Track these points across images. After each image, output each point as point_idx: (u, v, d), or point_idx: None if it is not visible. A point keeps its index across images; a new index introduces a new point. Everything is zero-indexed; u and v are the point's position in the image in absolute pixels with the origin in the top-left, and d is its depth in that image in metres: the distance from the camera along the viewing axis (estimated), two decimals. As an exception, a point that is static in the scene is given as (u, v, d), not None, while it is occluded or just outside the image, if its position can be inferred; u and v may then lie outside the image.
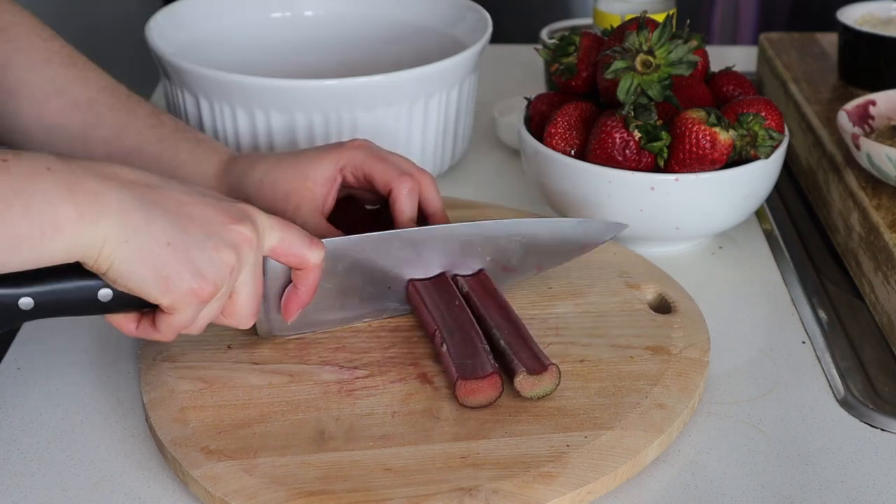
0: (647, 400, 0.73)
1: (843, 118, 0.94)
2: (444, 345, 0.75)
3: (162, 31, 1.04)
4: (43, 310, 0.65)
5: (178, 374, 0.75)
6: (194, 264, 0.65)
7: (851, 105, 0.97)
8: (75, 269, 0.64)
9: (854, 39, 1.10)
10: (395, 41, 1.15)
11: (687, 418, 0.74)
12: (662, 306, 0.84)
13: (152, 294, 0.65)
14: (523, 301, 0.84)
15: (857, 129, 0.94)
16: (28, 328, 0.85)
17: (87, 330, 0.85)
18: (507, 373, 0.74)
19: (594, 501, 0.68)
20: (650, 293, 0.86)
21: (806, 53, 1.19)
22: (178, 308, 0.66)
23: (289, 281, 0.74)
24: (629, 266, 0.89)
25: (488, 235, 0.81)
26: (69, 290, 0.65)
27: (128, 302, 0.66)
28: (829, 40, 1.21)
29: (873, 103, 0.98)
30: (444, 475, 0.67)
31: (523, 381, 0.73)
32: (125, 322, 0.70)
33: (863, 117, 0.97)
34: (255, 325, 0.77)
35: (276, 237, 0.71)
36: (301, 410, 0.73)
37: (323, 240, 0.74)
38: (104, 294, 0.66)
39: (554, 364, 0.74)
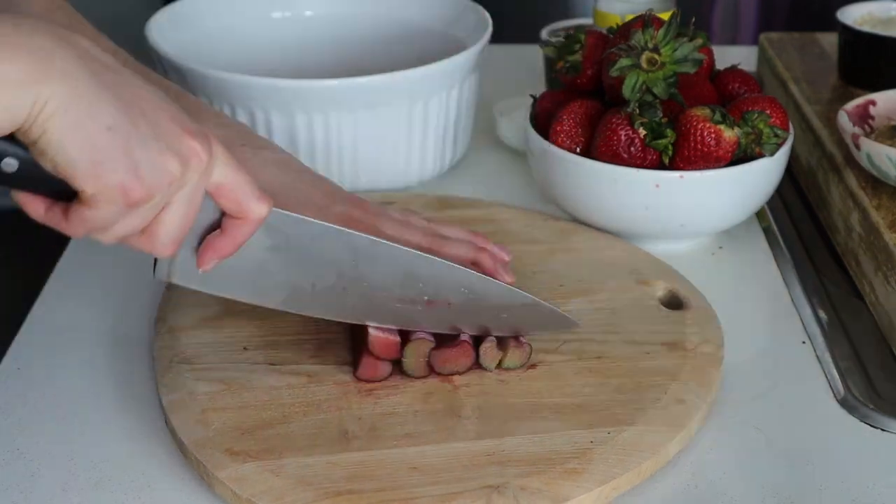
0: (666, 395, 0.74)
1: (843, 118, 0.94)
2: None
3: (162, 31, 1.04)
4: None
5: (196, 375, 0.75)
6: (132, 159, 0.58)
7: (851, 105, 0.97)
8: None
9: (854, 39, 1.10)
10: (395, 41, 1.15)
11: (706, 413, 0.74)
12: (674, 302, 0.85)
13: (78, 176, 0.58)
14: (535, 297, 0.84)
15: (857, 129, 0.94)
16: (28, 328, 0.85)
17: (88, 331, 0.85)
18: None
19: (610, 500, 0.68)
20: (661, 289, 0.86)
21: (806, 53, 1.19)
22: (99, 201, 0.59)
23: (216, 226, 0.67)
24: (638, 263, 0.89)
25: (435, 275, 0.74)
26: None
27: (35, 181, 0.59)
28: (829, 40, 1.21)
29: (873, 103, 0.98)
30: (471, 473, 0.67)
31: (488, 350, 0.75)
32: (32, 203, 0.61)
33: (863, 117, 0.97)
34: (154, 264, 0.69)
35: (226, 173, 0.64)
36: (322, 411, 0.72)
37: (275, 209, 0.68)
38: (8, 164, 0.58)
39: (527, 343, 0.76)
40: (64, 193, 0.60)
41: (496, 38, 1.09)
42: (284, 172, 0.80)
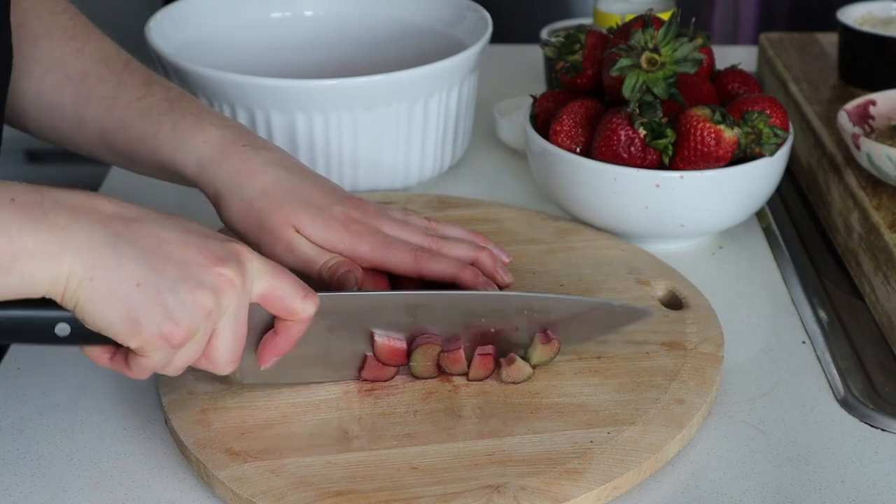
0: (666, 395, 0.74)
1: (843, 118, 0.94)
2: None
3: (162, 31, 1.04)
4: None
5: (196, 375, 0.75)
6: (166, 307, 0.62)
7: (851, 105, 0.97)
8: (41, 300, 0.61)
9: (854, 39, 1.10)
10: (395, 41, 1.15)
11: (705, 413, 0.74)
12: (674, 302, 0.85)
13: (120, 336, 0.62)
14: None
15: (857, 129, 0.94)
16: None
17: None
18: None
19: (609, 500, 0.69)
20: (660, 289, 0.86)
21: (806, 53, 1.19)
22: (147, 351, 0.63)
23: (270, 325, 0.69)
24: (638, 262, 0.89)
25: (495, 308, 0.75)
26: (24, 319, 0.62)
27: (90, 337, 0.63)
28: (829, 40, 1.21)
29: (873, 103, 0.98)
30: (471, 473, 0.67)
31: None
32: (98, 354, 0.66)
33: (863, 117, 0.97)
34: None
35: (266, 284, 0.66)
36: (322, 411, 0.73)
37: (319, 294, 0.69)
38: (61, 329, 0.62)
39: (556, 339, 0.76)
40: (114, 342, 0.64)
41: (496, 38, 1.09)
42: (285, 173, 0.80)
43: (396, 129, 1.00)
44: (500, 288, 0.80)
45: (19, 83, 0.83)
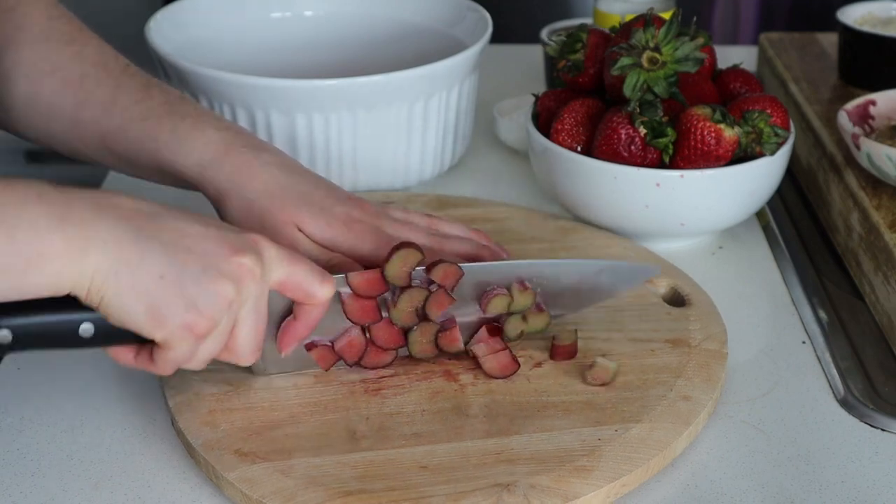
0: (672, 392, 0.74)
1: (843, 118, 0.94)
2: None
3: (162, 31, 1.04)
4: (22, 343, 0.63)
5: (202, 377, 0.75)
6: (189, 298, 0.63)
7: (851, 105, 0.97)
8: (61, 303, 0.62)
9: (854, 39, 1.10)
10: (395, 41, 1.15)
11: (712, 410, 0.74)
12: (676, 299, 0.85)
13: (145, 329, 0.63)
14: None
15: (857, 129, 0.94)
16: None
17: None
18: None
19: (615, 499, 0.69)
20: (663, 287, 0.86)
21: (806, 53, 1.19)
22: (172, 343, 0.64)
23: (288, 312, 0.71)
24: (639, 260, 0.89)
25: (507, 276, 0.77)
26: (49, 323, 0.63)
27: (113, 337, 0.64)
28: (829, 40, 1.21)
29: (873, 103, 0.98)
30: (481, 471, 0.67)
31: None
32: (121, 353, 0.67)
33: (863, 117, 0.97)
34: None
35: (284, 271, 0.68)
36: (330, 411, 0.73)
37: (335, 276, 0.71)
38: (85, 330, 0.63)
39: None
40: (138, 339, 0.65)
41: (496, 38, 1.09)
42: (286, 174, 0.81)
43: (396, 129, 1.00)
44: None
45: (17, 87, 0.83)
